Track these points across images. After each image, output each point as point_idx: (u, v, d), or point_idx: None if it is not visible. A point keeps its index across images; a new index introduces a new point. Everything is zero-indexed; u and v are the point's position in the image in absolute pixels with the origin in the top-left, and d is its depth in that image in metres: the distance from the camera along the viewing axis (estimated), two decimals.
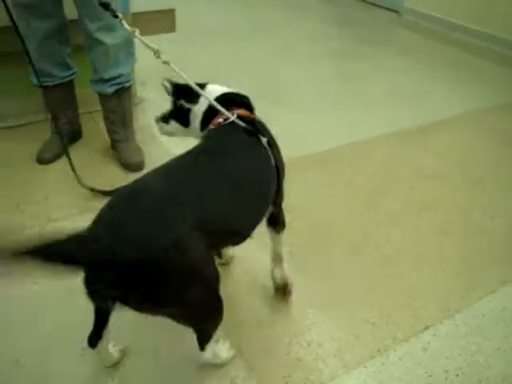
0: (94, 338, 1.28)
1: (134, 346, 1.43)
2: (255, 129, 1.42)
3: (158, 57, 1.48)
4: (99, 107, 2.30)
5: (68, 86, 2.28)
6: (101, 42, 2.02)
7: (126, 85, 2.20)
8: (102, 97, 2.21)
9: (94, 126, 2.54)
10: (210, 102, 1.45)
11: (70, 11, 2.06)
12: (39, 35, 2.03)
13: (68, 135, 2.33)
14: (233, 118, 1.39)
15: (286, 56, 3.71)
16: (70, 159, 2.03)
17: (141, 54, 2.65)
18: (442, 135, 2.71)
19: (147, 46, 1.50)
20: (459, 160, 2.49)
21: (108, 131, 2.29)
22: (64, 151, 2.12)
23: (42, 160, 2.25)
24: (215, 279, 1.16)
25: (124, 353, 1.42)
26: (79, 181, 2.00)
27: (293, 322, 1.56)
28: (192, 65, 3.33)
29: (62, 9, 2.08)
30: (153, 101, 2.78)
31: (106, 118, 2.27)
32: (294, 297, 1.62)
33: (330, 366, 1.43)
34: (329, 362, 1.44)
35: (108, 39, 2.01)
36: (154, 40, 2.14)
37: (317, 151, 2.45)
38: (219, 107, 1.42)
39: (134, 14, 2.38)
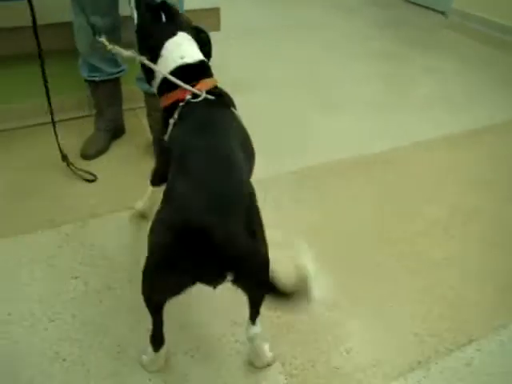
0: (158, 343, 1.33)
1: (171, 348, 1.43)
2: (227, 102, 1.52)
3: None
4: (143, 104, 2.31)
5: (115, 83, 2.30)
6: None
7: None
8: (147, 95, 2.21)
9: (137, 122, 2.55)
10: (175, 82, 1.45)
11: (122, 7, 2.09)
12: (93, 31, 2.04)
13: (111, 131, 2.35)
14: (203, 95, 1.42)
15: (328, 56, 3.66)
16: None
17: None
18: (492, 141, 2.62)
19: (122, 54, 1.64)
20: (509, 168, 2.40)
21: (150, 128, 2.30)
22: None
23: (85, 156, 2.27)
24: None
25: (167, 356, 1.41)
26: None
27: (332, 330, 1.52)
28: (233, 63, 3.36)
29: (118, 6, 2.10)
30: None
31: (149, 115, 2.28)
32: (334, 303, 1.59)
33: (369, 377, 1.39)
34: (368, 372, 1.40)
35: None
36: None
37: (360, 154, 2.40)
38: (183, 85, 1.43)
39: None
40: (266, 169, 2.25)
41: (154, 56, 1.48)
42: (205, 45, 1.59)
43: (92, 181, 2.11)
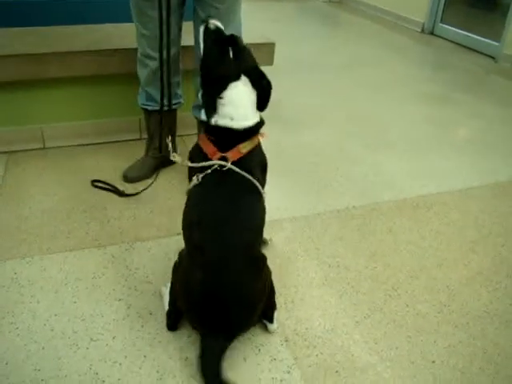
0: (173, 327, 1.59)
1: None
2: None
3: None
4: (191, 132, 2.35)
5: (170, 113, 2.35)
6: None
7: None
8: (201, 122, 2.25)
9: (185, 150, 2.59)
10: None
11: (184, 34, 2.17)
12: (155, 64, 2.09)
13: (158, 159, 2.39)
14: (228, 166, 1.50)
15: (378, 95, 3.68)
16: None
17: None
18: None
19: None
20: None
21: None
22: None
23: (126, 178, 2.33)
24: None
25: None
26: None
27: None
28: (285, 99, 3.41)
29: (180, 39, 2.17)
30: None
31: None
32: (370, 348, 1.57)
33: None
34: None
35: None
36: None
37: (405, 197, 2.39)
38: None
39: None
40: (311, 205, 2.27)
41: (215, 93, 1.51)
42: (263, 95, 1.60)
43: (132, 195, 2.19)
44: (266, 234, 1.79)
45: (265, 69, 2.59)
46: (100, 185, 2.27)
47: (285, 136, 2.89)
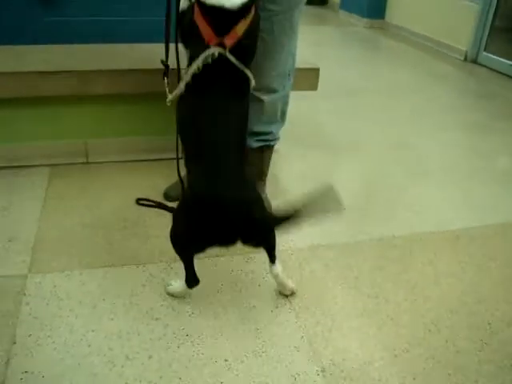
0: (193, 283, 1.71)
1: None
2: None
3: None
4: None
5: None
6: (258, 99, 2.06)
7: (272, 143, 2.23)
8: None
9: None
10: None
11: None
12: None
13: None
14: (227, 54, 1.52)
15: (419, 122, 3.63)
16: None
17: None
18: None
19: None
20: None
21: None
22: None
23: (167, 196, 2.34)
24: None
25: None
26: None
27: None
28: (325, 123, 3.41)
29: None
30: (284, 153, 2.82)
31: None
32: None
33: None
34: None
35: (266, 97, 2.07)
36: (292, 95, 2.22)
37: (446, 228, 2.34)
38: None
39: None
40: (351, 233, 2.24)
41: None
42: None
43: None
44: (304, 260, 1.78)
45: (308, 93, 2.64)
46: (146, 202, 2.28)
47: (324, 161, 2.87)
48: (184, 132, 1.69)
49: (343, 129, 3.37)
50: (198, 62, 1.50)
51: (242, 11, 1.50)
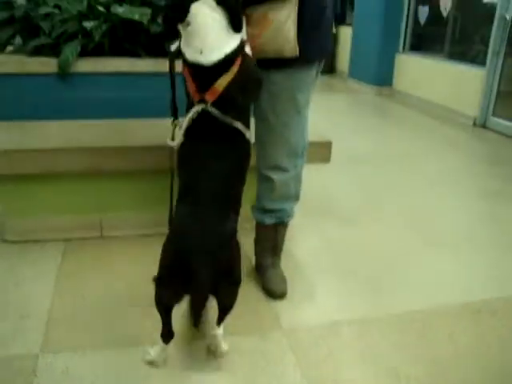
0: (168, 337, 1.71)
1: None
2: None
3: None
4: (247, 225, 2.34)
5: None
6: (268, 177, 2.09)
7: (286, 220, 2.22)
8: (259, 224, 2.25)
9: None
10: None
11: None
12: None
13: None
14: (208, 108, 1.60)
15: (432, 190, 3.63)
16: None
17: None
18: None
19: None
20: None
21: (256, 254, 2.32)
22: None
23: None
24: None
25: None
26: None
27: None
28: (338, 193, 3.41)
29: None
30: (298, 226, 2.80)
31: (257, 242, 2.30)
32: None
33: None
34: None
35: (276, 176, 2.07)
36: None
37: (466, 300, 2.28)
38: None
39: None
40: (368, 307, 2.19)
41: (176, 18, 1.53)
42: (231, 11, 1.55)
43: None
44: (322, 338, 1.73)
45: (320, 166, 2.65)
46: None
47: (339, 232, 2.86)
48: (178, 173, 1.76)
49: (356, 198, 3.37)
50: (187, 119, 1.60)
51: (220, 67, 1.55)
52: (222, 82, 1.56)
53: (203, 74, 1.56)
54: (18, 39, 3.11)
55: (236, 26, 1.56)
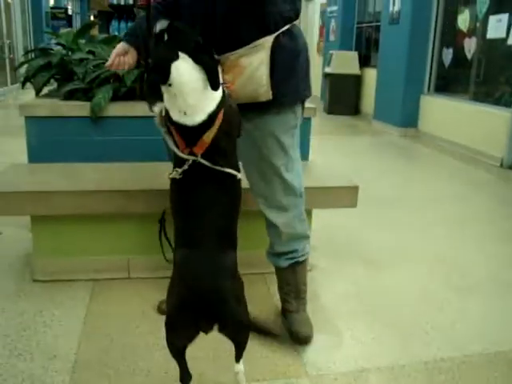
0: (187, 380, 1.71)
1: None
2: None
3: None
4: (273, 269, 2.35)
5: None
6: (273, 224, 2.11)
7: (301, 259, 2.21)
8: (278, 269, 2.25)
9: (265, 289, 2.60)
10: None
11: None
12: None
13: None
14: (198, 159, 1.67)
15: (459, 233, 3.59)
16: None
17: (315, 218, 2.76)
18: None
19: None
20: None
21: (280, 299, 2.30)
22: None
23: (161, 310, 2.30)
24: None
25: None
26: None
27: None
28: (363, 235, 3.40)
29: None
30: (324, 270, 2.80)
31: (280, 288, 2.29)
32: None
33: None
34: None
35: (279, 219, 2.09)
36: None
37: (497, 349, 2.21)
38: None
39: (319, 189, 2.51)
40: (395, 355, 2.15)
41: (157, 79, 1.58)
42: (208, 70, 1.59)
43: None
44: None
45: (347, 210, 2.66)
46: None
47: (364, 276, 2.83)
48: (175, 219, 1.80)
49: (381, 241, 3.35)
50: (179, 170, 1.66)
51: (204, 125, 1.62)
52: (209, 135, 1.63)
53: (190, 133, 1.64)
54: (53, 83, 3.25)
55: (214, 86, 1.61)
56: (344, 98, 9.24)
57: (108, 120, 2.80)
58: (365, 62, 9.57)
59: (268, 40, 1.83)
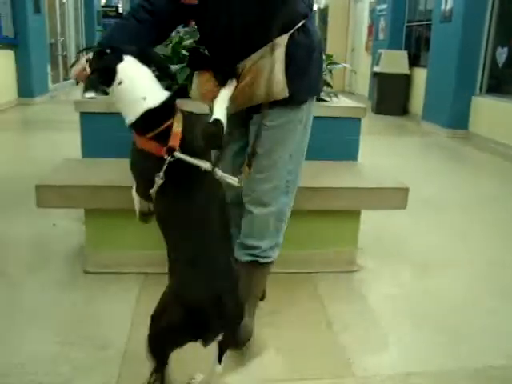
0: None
1: None
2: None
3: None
4: (321, 269, 2.33)
5: None
6: (249, 211, 2.03)
7: (262, 260, 2.08)
8: (237, 261, 2.12)
9: (312, 289, 2.59)
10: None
11: None
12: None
13: None
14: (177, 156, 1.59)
15: (509, 236, 3.51)
16: None
17: (364, 219, 2.75)
18: None
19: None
20: None
21: None
22: None
23: None
24: None
25: None
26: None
27: None
28: (410, 238, 3.36)
29: None
30: (371, 271, 2.78)
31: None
32: None
33: None
34: None
35: (256, 211, 2.01)
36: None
37: None
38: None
39: (368, 189, 2.50)
40: (442, 360, 2.12)
41: (107, 81, 1.58)
42: (160, 69, 1.69)
43: None
44: None
45: (394, 211, 2.63)
46: None
47: (412, 278, 2.80)
48: (164, 226, 1.75)
49: (429, 244, 3.30)
50: (160, 174, 1.59)
51: (167, 108, 1.62)
52: (178, 125, 1.61)
53: (155, 122, 1.61)
54: None
55: (166, 75, 1.76)
56: (392, 97, 9.11)
57: None
58: (414, 61, 9.40)
59: (284, 38, 1.84)
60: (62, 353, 2.04)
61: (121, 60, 1.59)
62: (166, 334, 1.62)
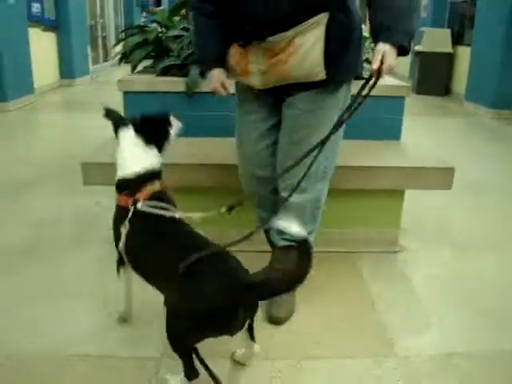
0: (194, 373, 1.62)
1: None
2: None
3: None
4: (362, 248, 2.30)
5: None
6: (284, 199, 1.96)
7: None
8: (272, 244, 2.18)
9: (352, 266, 2.59)
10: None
11: None
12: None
13: None
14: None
15: None
16: None
17: (406, 199, 2.71)
18: None
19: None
20: None
21: None
22: None
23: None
24: None
25: None
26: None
27: None
28: (453, 220, 3.30)
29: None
30: (414, 251, 2.75)
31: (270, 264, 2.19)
32: None
33: None
34: None
35: (292, 198, 1.92)
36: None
37: None
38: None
39: (413, 169, 2.46)
40: (488, 342, 2.10)
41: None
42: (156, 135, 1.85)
43: None
44: (436, 370, 1.67)
45: (436, 192, 2.58)
46: None
47: (454, 260, 2.75)
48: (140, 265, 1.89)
49: (471, 225, 3.23)
50: (126, 223, 1.77)
51: (143, 178, 1.80)
52: (153, 188, 1.79)
53: (130, 187, 1.80)
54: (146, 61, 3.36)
55: (157, 144, 1.88)
56: (434, 77, 8.88)
57: (203, 95, 2.83)
58: (458, 39, 9.13)
59: (324, 16, 1.78)
60: (109, 325, 2.10)
61: (124, 126, 1.88)
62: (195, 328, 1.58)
